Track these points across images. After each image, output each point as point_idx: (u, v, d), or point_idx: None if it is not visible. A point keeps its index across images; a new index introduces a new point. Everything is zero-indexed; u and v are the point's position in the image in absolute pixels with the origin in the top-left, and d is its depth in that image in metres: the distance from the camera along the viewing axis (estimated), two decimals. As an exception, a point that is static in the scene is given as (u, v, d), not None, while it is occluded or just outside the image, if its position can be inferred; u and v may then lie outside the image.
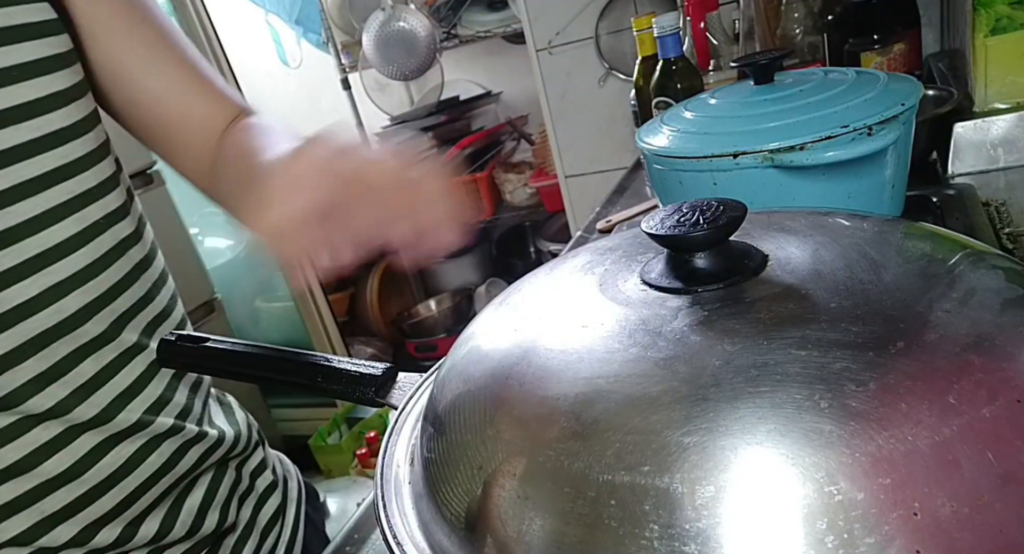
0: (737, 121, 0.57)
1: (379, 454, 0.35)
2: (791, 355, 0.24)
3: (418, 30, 2.15)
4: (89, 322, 0.48)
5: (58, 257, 0.46)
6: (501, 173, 2.36)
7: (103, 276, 0.49)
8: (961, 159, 0.79)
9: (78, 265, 0.47)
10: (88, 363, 0.48)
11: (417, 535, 0.29)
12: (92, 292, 0.48)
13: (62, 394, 0.46)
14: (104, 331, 0.49)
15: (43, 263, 0.45)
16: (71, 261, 0.47)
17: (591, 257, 0.35)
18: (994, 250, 0.31)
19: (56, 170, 0.46)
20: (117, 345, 0.50)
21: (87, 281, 0.48)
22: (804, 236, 0.32)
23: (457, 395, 0.31)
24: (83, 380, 0.48)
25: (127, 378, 0.50)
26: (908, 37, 0.95)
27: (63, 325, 0.46)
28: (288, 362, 0.45)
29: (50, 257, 0.46)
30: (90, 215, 0.48)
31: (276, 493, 0.63)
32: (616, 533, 0.22)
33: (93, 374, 0.48)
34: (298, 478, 0.69)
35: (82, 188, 0.48)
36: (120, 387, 0.50)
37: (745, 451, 0.22)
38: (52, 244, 0.46)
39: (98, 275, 0.48)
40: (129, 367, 0.50)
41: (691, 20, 1.21)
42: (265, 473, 0.63)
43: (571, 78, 1.76)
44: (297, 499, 0.66)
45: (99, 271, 0.48)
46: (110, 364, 0.49)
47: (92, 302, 0.48)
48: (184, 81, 0.55)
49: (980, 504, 0.20)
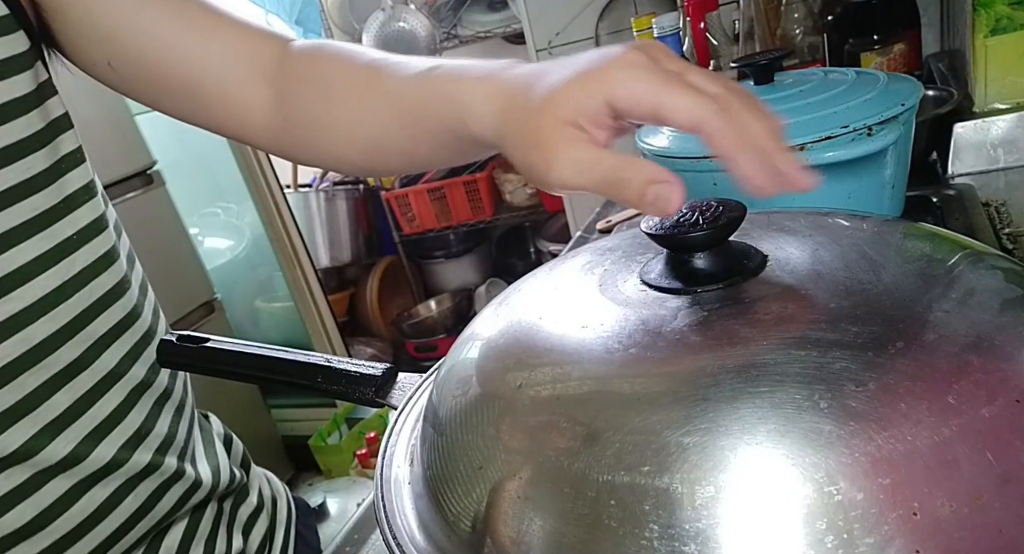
0: (737, 121, 0.57)
1: (379, 454, 0.35)
2: (791, 355, 0.24)
3: (418, 30, 2.15)
4: (60, 350, 0.43)
5: (22, 281, 0.41)
6: (501, 173, 2.36)
7: (75, 298, 0.44)
8: (961, 159, 0.79)
9: (46, 288, 0.42)
10: (60, 396, 0.43)
11: (417, 535, 0.29)
12: (62, 317, 0.43)
13: (30, 432, 0.42)
14: (77, 359, 0.44)
15: (6, 288, 0.40)
16: (37, 284, 0.42)
17: (591, 257, 0.36)
18: (994, 250, 0.31)
19: (17, 186, 0.41)
20: (92, 373, 0.45)
21: (57, 305, 0.43)
22: (804, 236, 0.32)
23: (457, 396, 0.31)
24: (54, 415, 0.43)
25: (104, 410, 0.45)
26: (908, 37, 0.95)
27: (30, 355, 0.41)
28: (288, 362, 0.45)
29: (13, 281, 0.41)
30: (59, 233, 0.43)
31: (262, 517, 0.59)
32: (616, 533, 0.22)
33: (66, 408, 0.43)
34: (288, 496, 0.64)
35: (48, 203, 0.42)
36: (95, 420, 0.45)
37: (745, 451, 0.22)
38: (14, 267, 0.41)
39: (69, 298, 0.43)
40: (106, 397, 0.45)
41: (691, 20, 1.20)
42: (249, 499, 0.58)
43: (571, 78, 1.76)
44: (287, 520, 0.62)
45: (70, 293, 0.43)
46: (85, 395, 0.44)
47: (63, 328, 0.43)
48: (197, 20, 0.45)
49: (979, 504, 0.20)
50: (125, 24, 0.44)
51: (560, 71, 0.32)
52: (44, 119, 0.43)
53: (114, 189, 1.66)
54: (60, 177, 0.43)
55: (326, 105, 0.45)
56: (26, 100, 0.42)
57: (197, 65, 0.45)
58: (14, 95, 0.41)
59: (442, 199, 2.41)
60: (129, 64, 0.46)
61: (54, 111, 0.44)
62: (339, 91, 0.44)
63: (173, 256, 1.82)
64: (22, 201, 0.41)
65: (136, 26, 0.44)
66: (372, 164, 0.48)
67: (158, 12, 0.44)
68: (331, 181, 2.49)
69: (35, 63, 0.43)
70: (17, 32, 0.41)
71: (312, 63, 0.45)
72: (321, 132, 0.46)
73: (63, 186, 0.44)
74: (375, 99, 0.42)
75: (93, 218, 0.45)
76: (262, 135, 0.48)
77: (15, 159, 0.41)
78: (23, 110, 0.41)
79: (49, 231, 0.42)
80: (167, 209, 1.81)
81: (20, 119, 0.41)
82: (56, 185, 0.43)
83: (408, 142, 0.42)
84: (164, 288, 1.78)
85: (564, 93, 0.31)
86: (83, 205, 0.45)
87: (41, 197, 0.42)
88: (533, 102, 0.32)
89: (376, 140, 0.44)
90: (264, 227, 2.14)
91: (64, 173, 0.44)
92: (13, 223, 0.41)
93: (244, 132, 0.48)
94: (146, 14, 0.44)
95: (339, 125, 0.45)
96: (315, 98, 0.45)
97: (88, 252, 0.45)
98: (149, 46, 0.45)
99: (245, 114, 0.47)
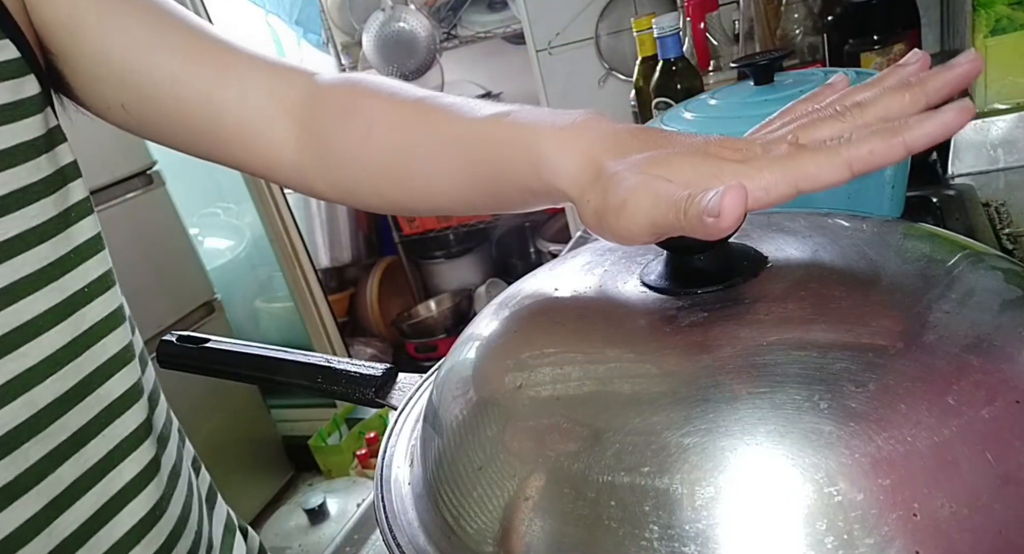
0: (737, 122, 0.57)
1: (379, 455, 0.35)
2: (790, 356, 0.24)
3: (418, 31, 2.15)
4: (66, 415, 0.39)
5: (29, 337, 0.38)
6: (501, 173, 2.36)
7: (84, 357, 0.40)
8: (961, 160, 0.79)
9: (54, 345, 0.39)
10: (66, 468, 0.39)
11: (417, 536, 0.29)
12: (70, 378, 0.40)
13: (33, 509, 0.38)
14: (85, 426, 0.40)
15: (10, 345, 0.37)
16: (45, 341, 0.38)
17: (591, 258, 0.36)
18: (994, 251, 0.31)
19: (25, 234, 0.38)
20: (102, 442, 0.41)
21: (65, 364, 0.39)
22: (804, 237, 0.32)
23: (457, 396, 0.31)
24: (59, 489, 0.39)
25: (115, 484, 0.41)
26: (908, 38, 0.95)
27: (34, 421, 0.38)
28: (288, 363, 0.46)
29: (19, 337, 0.37)
30: (68, 285, 0.40)
31: None
32: (616, 534, 0.22)
33: (72, 481, 0.39)
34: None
35: (57, 253, 0.40)
36: (105, 495, 0.41)
37: (745, 452, 0.22)
38: (22, 321, 0.38)
39: (78, 356, 0.40)
40: (118, 470, 0.42)
41: (691, 21, 1.21)
42: None
43: (571, 79, 1.76)
44: None
45: (79, 351, 0.40)
46: (93, 468, 0.40)
47: (70, 391, 0.40)
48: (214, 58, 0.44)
49: (979, 505, 0.20)
50: (139, 65, 0.43)
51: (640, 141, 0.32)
52: (53, 165, 0.41)
53: (114, 189, 1.66)
54: (69, 226, 0.41)
55: (367, 143, 0.42)
56: (35, 144, 0.39)
57: (216, 104, 0.43)
58: (23, 138, 0.39)
59: (442, 199, 2.40)
60: (144, 105, 0.44)
61: (63, 158, 0.42)
62: (384, 130, 0.42)
63: (173, 256, 1.82)
64: (29, 250, 0.38)
65: (151, 65, 0.43)
66: (416, 204, 0.44)
67: (173, 50, 0.43)
68: (331, 181, 2.49)
69: (45, 108, 0.41)
70: (28, 76, 0.40)
71: (348, 99, 0.44)
72: (360, 171, 0.43)
73: (72, 236, 0.41)
74: (430, 141, 0.40)
75: (103, 271, 0.43)
76: (288, 173, 0.46)
77: (23, 205, 0.38)
78: (32, 154, 0.39)
79: (59, 283, 0.40)
80: (167, 209, 1.81)
81: (28, 163, 0.39)
82: (65, 234, 0.41)
83: (465, 188, 0.40)
84: (164, 288, 1.78)
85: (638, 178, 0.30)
86: (93, 257, 0.42)
87: (50, 246, 0.39)
88: (621, 172, 0.31)
89: (427, 181, 0.41)
90: (264, 227, 2.15)
91: (73, 222, 0.41)
92: (20, 274, 0.38)
93: (269, 170, 0.46)
94: (160, 53, 0.43)
95: (383, 164, 0.42)
96: (356, 137, 0.43)
97: (99, 307, 0.42)
98: (165, 85, 0.43)
99: (269, 153, 0.45)
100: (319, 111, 0.44)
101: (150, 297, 1.74)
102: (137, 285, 1.69)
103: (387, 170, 0.42)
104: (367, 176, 0.43)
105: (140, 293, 1.70)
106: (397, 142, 0.41)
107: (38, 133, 0.40)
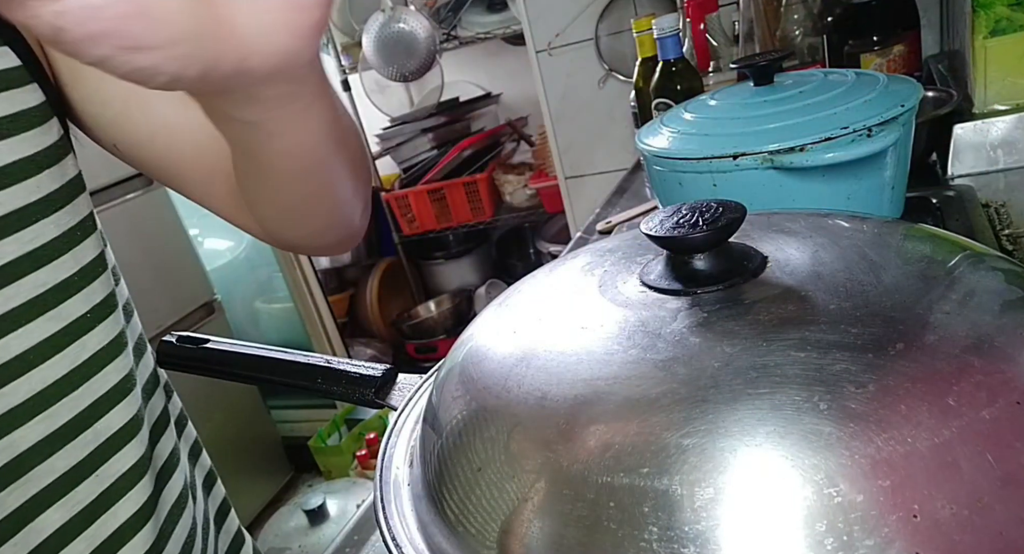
0: (737, 122, 0.57)
1: (379, 455, 0.35)
2: (790, 357, 0.24)
3: (418, 31, 2.15)
4: (52, 457, 0.36)
5: (17, 373, 0.35)
6: (501, 174, 2.36)
7: (81, 391, 0.37)
8: (961, 160, 0.79)
9: (46, 380, 0.36)
10: (52, 512, 0.36)
11: (416, 537, 0.29)
12: (61, 416, 0.36)
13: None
14: (74, 467, 0.37)
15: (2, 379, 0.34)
16: (36, 376, 0.35)
17: (591, 258, 0.35)
18: (994, 252, 0.31)
19: (23, 258, 0.35)
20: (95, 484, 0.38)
21: (57, 401, 0.36)
22: (804, 238, 0.32)
23: (456, 397, 0.31)
24: (41, 538, 0.35)
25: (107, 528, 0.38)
26: (908, 38, 0.95)
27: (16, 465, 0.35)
28: (288, 363, 0.45)
29: (5, 374, 0.34)
30: (69, 312, 0.37)
31: None
32: (615, 535, 0.22)
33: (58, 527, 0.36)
34: None
35: (58, 278, 0.36)
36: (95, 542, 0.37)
37: (744, 453, 0.22)
38: (12, 355, 0.34)
39: (75, 390, 0.37)
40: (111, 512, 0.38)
41: (691, 22, 1.21)
42: None
43: (571, 79, 1.77)
44: None
45: (77, 384, 0.37)
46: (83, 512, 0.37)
47: (60, 430, 0.36)
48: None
49: (980, 506, 0.20)
50: (137, 113, 0.41)
51: None
52: (57, 181, 0.37)
53: (114, 190, 1.66)
54: (73, 247, 0.38)
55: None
56: (36, 160, 0.36)
57: (212, 154, 0.41)
58: (21, 155, 0.35)
59: (442, 200, 2.41)
60: (137, 150, 0.43)
61: (68, 172, 0.39)
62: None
63: (173, 257, 1.82)
64: (24, 277, 0.35)
65: (148, 114, 0.41)
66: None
67: (170, 98, 0.40)
68: (331, 182, 2.49)
69: (50, 118, 0.38)
70: (30, 84, 0.36)
71: None
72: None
73: (77, 257, 0.38)
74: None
75: (106, 294, 0.40)
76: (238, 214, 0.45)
77: (18, 229, 0.35)
78: (31, 171, 0.36)
79: (57, 311, 0.36)
80: (167, 210, 1.81)
81: (27, 182, 0.36)
82: (68, 257, 0.37)
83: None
84: (164, 289, 1.78)
85: None
86: (96, 279, 0.39)
87: (48, 271, 0.36)
88: None
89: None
90: (264, 228, 2.14)
91: (77, 242, 0.38)
92: (10, 305, 0.34)
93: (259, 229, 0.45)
94: (158, 101, 0.40)
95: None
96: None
97: (101, 334, 0.39)
98: (160, 133, 0.41)
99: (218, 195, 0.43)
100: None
101: (150, 297, 1.74)
102: (137, 285, 1.68)
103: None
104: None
105: (140, 293, 1.68)
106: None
107: (39, 147, 0.37)
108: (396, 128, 2.42)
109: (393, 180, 2.50)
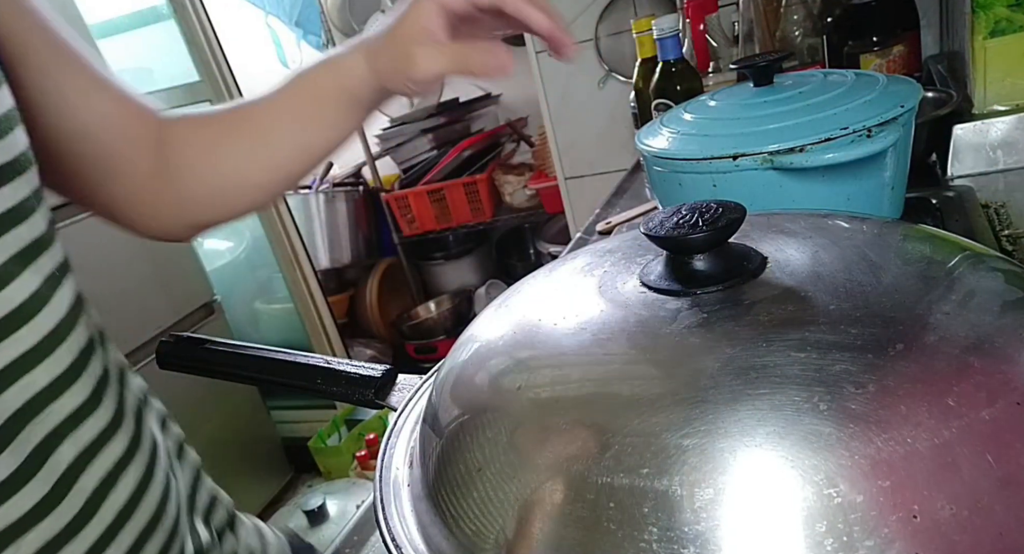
0: (737, 123, 0.57)
1: (378, 456, 0.35)
2: (790, 357, 0.24)
3: (418, 32, 2.14)
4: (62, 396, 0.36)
5: (22, 321, 0.35)
6: (501, 175, 2.36)
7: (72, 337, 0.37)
8: (960, 161, 0.79)
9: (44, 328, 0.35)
10: (66, 446, 0.36)
11: (416, 537, 0.29)
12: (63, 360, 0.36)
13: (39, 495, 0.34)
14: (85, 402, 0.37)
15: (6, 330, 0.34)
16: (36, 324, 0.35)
17: (590, 259, 0.35)
18: (993, 252, 0.31)
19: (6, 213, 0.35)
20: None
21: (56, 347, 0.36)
22: (803, 238, 0.32)
23: (456, 397, 0.31)
24: (60, 471, 0.35)
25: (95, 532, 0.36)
26: (907, 39, 0.95)
27: (32, 404, 0.35)
28: (288, 364, 0.46)
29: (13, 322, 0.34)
30: (44, 266, 0.37)
31: None
32: (615, 535, 0.22)
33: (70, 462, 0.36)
34: (282, 548, 0.57)
35: (33, 234, 0.36)
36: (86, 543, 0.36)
37: (744, 453, 0.22)
38: (14, 306, 0.34)
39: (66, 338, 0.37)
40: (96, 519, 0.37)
41: (690, 22, 1.21)
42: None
43: (571, 80, 1.77)
44: None
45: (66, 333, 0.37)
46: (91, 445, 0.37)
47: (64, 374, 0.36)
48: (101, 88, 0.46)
49: (979, 507, 0.20)
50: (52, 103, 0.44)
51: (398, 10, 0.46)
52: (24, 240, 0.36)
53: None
54: (40, 205, 0.37)
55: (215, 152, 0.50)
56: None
57: (80, 118, 0.45)
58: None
59: (442, 200, 2.41)
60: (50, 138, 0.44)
61: (37, 228, 0.37)
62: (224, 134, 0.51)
63: (173, 257, 1.82)
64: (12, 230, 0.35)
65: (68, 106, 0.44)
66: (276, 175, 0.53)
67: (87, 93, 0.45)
68: (331, 183, 2.49)
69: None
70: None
71: (186, 128, 0.51)
72: (218, 177, 0.51)
73: (44, 213, 0.38)
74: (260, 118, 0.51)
75: (63, 253, 0.39)
76: (140, 198, 0.50)
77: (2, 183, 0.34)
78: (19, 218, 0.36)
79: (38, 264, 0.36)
80: (167, 210, 1.81)
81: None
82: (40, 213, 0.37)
83: (300, 133, 0.50)
84: (164, 289, 1.78)
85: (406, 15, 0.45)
86: (56, 238, 0.38)
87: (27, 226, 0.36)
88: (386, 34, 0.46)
89: (274, 148, 0.51)
90: (264, 228, 2.14)
91: (42, 201, 0.38)
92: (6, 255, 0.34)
93: (124, 197, 0.50)
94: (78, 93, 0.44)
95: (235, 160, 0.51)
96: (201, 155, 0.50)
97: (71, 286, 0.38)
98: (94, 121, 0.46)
99: (124, 176, 0.49)
100: (170, 144, 0.50)
101: (150, 298, 1.74)
102: (137, 286, 1.69)
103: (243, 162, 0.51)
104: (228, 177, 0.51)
105: (140, 294, 1.70)
106: (239, 137, 0.50)
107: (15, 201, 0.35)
108: (396, 128, 2.42)
109: (393, 180, 2.50)
